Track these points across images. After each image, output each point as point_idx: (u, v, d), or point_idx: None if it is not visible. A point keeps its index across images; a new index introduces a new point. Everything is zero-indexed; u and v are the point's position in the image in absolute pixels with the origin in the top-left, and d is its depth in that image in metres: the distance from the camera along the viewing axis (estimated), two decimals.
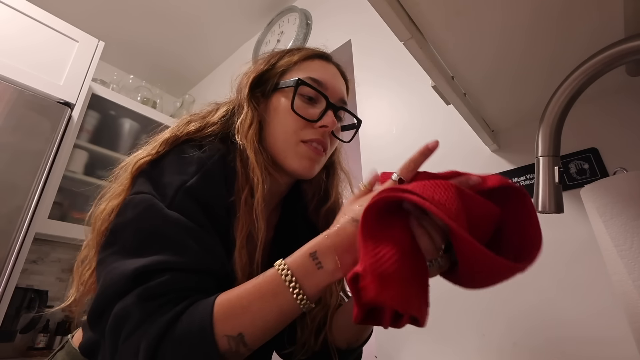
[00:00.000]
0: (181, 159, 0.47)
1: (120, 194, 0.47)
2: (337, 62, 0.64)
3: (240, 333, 0.35)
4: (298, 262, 0.37)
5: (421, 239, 0.33)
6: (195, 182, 0.45)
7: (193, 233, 0.42)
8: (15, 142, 1.34)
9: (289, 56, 0.60)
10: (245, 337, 0.35)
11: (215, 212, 0.46)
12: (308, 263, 0.36)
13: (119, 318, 0.36)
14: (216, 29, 2.03)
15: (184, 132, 0.51)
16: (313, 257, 0.36)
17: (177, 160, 0.47)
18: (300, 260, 0.37)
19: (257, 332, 0.36)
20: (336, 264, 0.36)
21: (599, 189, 0.44)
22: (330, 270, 0.36)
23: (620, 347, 0.58)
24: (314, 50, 0.63)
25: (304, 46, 0.65)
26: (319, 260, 0.36)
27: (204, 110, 0.59)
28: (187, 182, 0.44)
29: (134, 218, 0.42)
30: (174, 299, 0.37)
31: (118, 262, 0.39)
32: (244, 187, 0.49)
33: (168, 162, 0.47)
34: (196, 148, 0.49)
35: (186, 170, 0.46)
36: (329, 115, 0.55)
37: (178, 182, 0.44)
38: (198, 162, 0.47)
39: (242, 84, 0.60)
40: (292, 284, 0.36)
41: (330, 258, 0.36)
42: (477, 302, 0.77)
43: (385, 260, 0.29)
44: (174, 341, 0.34)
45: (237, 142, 0.52)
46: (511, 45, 0.54)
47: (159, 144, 0.49)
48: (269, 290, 0.36)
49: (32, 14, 1.53)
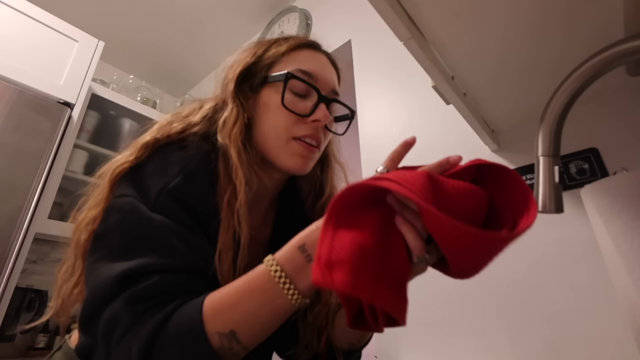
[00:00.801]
0: (163, 160, 0.46)
1: (99, 204, 0.46)
2: (326, 51, 0.62)
3: (231, 330, 0.35)
4: (287, 255, 0.36)
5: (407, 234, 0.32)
6: (178, 183, 0.44)
7: (178, 234, 0.41)
8: (15, 142, 1.34)
9: (276, 47, 0.58)
10: (237, 334, 0.35)
11: (200, 212, 0.45)
12: (297, 256, 0.35)
13: (108, 322, 0.36)
14: (216, 28, 2.03)
15: (165, 134, 0.49)
16: (302, 250, 0.35)
17: (159, 161, 0.46)
18: (289, 253, 0.36)
19: (249, 329, 0.35)
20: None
21: (599, 189, 0.44)
22: None
23: (621, 347, 0.58)
24: (302, 39, 0.60)
25: (291, 35, 0.62)
26: (308, 253, 0.35)
27: (186, 109, 0.57)
28: (170, 184, 0.43)
29: (118, 222, 0.42)
30: (162, 301, 0.37)
31: (104, 266, 0.39)
32: (226, 189, 0.48)
33: (150, 165, 0.46)
34: (179, 148, 0.48)
35: (168, 172, 0.45)
36: (321, 108, 0.53)
37: (160, 184, 0.43)
38: (180, 162, 0.46)
39: (228, 78, 0.57)
40: (281, 278, 0.35)
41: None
42: (477, 302, 0.77)
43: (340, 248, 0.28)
44: (165, 341, 0.34)
45: (219, 141, 0.50)
46: (511, 45, 0.54)
47: (138, 148, 0.48)
48: (259, 286, 0.36)
49: (32, 14, 1.53)
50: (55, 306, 0.50)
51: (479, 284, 0.77)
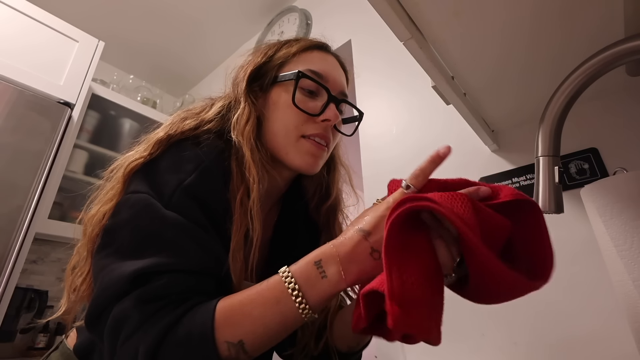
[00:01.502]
0: (178, 156, 0.46)
1: (112, 199, 0.46)
2: (336, 53, 0.62)
3: (240, 340, 0.34)
4: (302, 269, 0.36)
5: (440, 250, 0.32)
6: (194, 180, 0.43)
7: (192, 233, 0.41)
8: (15, 142, 1.33)
9: (287, 47, 0.58)
10: (245, 344, 0.35)
11: (215, 211, 0.45)
12: (312, 271, 0.36)
13: (117, 320, 0.36)
14: (216, 28, 2.03)
15: (178, 130, 0.49)
16: (317, 266, 0.36)
17: (173, 158, 0.46)
18: (305, 268, 0.36)
19: (257, 339, 0.35)
20: (340, 274, 0.35)
21: (599, 189, 0.44)
22: (334, 280, 0.35)
23: (621, 347, 0.58)
24: (312, 40, 0.60)
25: (301, 37, 0.63)
26: (323, 270, 0.36)
27: (198, 107, 0.57)
28: (185, 181, 0.43)
29: (130, 218, 0.41)
30: (173, 302, 0.37)
31: (115, 263, 0.38)
32: (239, 187, 0.48)
33: (164, 160, 0.46)
34: (193, 145, 0.48)
35: (183, 168, 0.44)
36: (331, 108, 0.54)
37: (176, 181, 0.43)
38: (196, 159, 0.46)
39: (239, 77, 0.58)
40: (295, 292, 0.35)
41: (335, 268, 0.35)
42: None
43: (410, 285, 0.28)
44: (174, 345, 0.34)
45: (233, 139, 0.50)
46: (511, 45, 0.54)
47: (152, 144, 0.47)
48: (272, 297, 0.36)
49: (32, 14, 1.53)
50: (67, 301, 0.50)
51: None
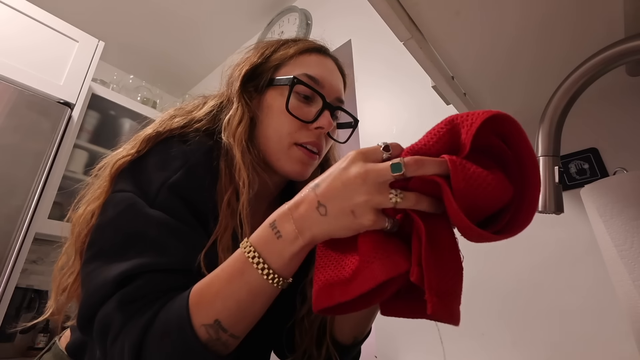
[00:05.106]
0: (164, 154, 0.46)
1: (99, 197, 0.46)
2: (334, 56, 0.61)
3: (216, 320, 0.34)
4: (259, 234, 0.35)
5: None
6: (179, 178, 0.43)
7: (176, 231, 0.41)
8: (16, 142, 1.33)
9: (285, 49, 0.57)
10: (222, 323, 0.34)
11: (199, 209, 0.44)
12: (268, 234, 0.35)
13: (103, 324, 0.36)
14: (216, 28, 2.03)
15: (167, 128, 0.49)
16: (272, 227, 0.35)
17: (160, 155, 0.46)
18: (261, 232, 0.35)
19: (232, 316, 0.34)
20: (295, 232, 0.33)
21: (599, 189, 0.44)
22: (290, 238, 0.33)
23: (621, 347, 0.58)
24: (311, 43, 0.59)
25: (300, 37, 0.62)
26: (278, 230, 0.34)
27: (190, 104, 0.56)
28: (171, 178, 0.43)
29: (114, 218, 0.41)
30: (153, 299, 0.37)
31: (101, 267, 0.39)
32: (227, 188, 0.47)
33: (151, 158, 0.46)
34: (180, 143, 0.47)
35: (169, 166, 0.44)
36: (325, 115, 0.53)
37: (161, 178, 0.43)
38: (182, 157, 0.45)
39: (234, 76, 0.57)
40: (255, 259, 0.34)
41: (289, 226, 0.33)
42: (476, 302, 0.77)
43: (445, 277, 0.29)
44: (155, 337, 0.34)
45: (223, 140, 0.49)
46: (511, 45, 0.54)
47: (140, 141, 0.47)
48: (236, 269, 0.35)
49: (32, 13, 1.53)
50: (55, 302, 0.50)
51: (479, 283, 0.77)
